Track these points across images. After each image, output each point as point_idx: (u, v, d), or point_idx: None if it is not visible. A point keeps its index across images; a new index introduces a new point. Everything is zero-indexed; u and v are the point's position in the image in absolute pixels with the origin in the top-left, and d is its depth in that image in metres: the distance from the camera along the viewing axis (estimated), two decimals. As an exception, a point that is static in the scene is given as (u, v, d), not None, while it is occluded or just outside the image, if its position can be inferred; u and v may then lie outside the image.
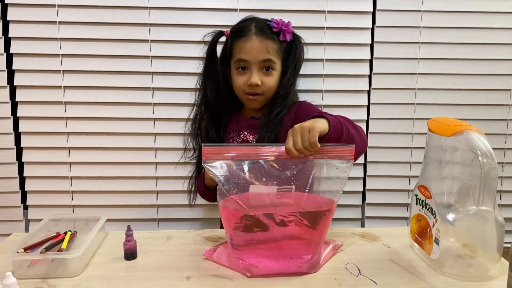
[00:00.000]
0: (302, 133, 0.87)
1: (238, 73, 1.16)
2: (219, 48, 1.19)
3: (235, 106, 1.27)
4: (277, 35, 1.16)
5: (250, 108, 1.23)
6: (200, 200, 1.28)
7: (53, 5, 1.27)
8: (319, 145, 0.87)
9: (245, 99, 1.19)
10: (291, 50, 1.20)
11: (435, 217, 0.86)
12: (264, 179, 0.88)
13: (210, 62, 1.19)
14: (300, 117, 1.10)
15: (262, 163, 0.88)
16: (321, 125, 0.89)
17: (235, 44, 1.15)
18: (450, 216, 0.84)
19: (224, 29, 1.19)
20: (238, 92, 1.19)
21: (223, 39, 1.19)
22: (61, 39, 1.29)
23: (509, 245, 0.76)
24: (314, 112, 1.00)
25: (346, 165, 0.89)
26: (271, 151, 0.89)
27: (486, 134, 0.84)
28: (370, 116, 1.38)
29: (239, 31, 1.15)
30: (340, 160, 0.89)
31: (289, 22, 1.17)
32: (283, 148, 0.89)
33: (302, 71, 1.30)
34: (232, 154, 0.88)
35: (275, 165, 0.88)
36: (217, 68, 1.19)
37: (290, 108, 1.19)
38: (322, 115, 0.94)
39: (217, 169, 0.87)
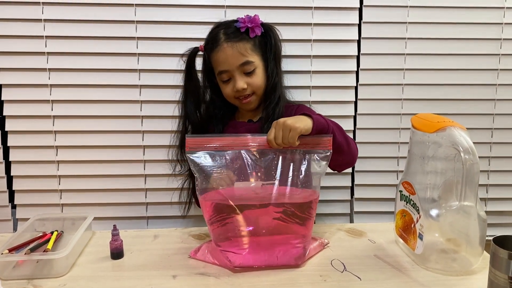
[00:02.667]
0: (283, 129, 0.90)
1: (224, 84, 1.16)
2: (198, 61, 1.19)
3: (229, 113, 1.26)
4: (247, 33, 1.14)
5: (246, 110, 1.22)
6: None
7: (38, 3, 1.26)
8: (297, 143, 0.91)
9: (238, 103, 1.18)
10: (266, 42, 1.18)
11: (418, 213, 0.87)
12: (247, 168, 0.90)
13: (188, 80, 1.18)
14: None
15: (245, 153, 0.91)
16: (304, 125, 0.91)
17: (211, 57, 1.15)
18: (434, 212, 0.86)
19: (201, 42, 1.18)
20: (230, 99, 1.18)
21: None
22: (47, 37, 1.28)
23: (490, 238, 0.77)
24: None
25: (324, 154, 0.93)
26: (253, 141, 0.92)
27: (472, 128, 0.86)
28: (358, 111, 1.39)
29: (211, 42, 1.14)
30: (319, 150, 0.93)
31: (255, 15, 1.15)
32: (265, 138, 0.92)
33: (290, 67, 1.31)
34: (215, 145, 0.90)
35: (257, 155, 0.92)
36: (197, 84, 1.19)
37: (288, 109, 1.18)
38: (310, 116, 0.95)
39: (200, 159, 0.88)
